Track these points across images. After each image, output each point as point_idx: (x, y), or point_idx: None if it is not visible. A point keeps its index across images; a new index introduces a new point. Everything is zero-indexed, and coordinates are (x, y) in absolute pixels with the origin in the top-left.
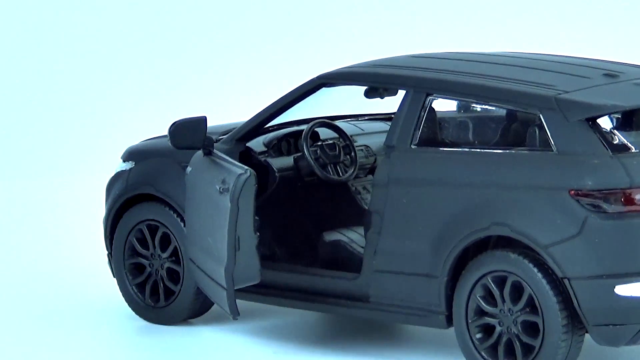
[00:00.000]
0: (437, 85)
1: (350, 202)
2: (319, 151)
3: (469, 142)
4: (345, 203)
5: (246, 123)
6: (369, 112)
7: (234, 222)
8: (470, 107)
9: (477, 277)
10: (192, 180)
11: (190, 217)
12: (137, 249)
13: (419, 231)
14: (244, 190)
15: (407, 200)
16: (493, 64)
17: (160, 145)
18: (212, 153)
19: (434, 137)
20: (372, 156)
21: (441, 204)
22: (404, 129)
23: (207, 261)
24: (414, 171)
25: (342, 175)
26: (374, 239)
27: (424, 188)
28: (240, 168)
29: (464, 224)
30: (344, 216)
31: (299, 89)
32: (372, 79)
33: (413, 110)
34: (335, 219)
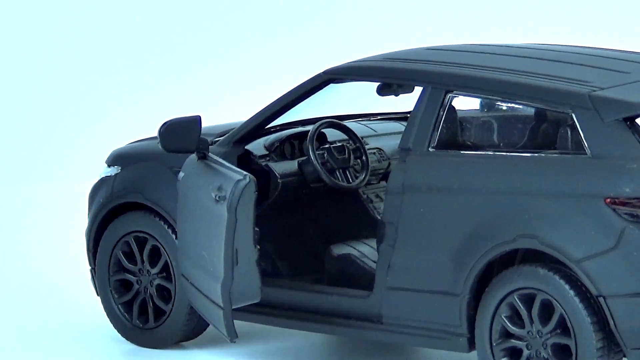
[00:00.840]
0: (458, 81)
1: (361, 212)
2: (326, 155)
3: (493, 145)
4: (356, 213)
5: (245, 123)
6: (382, 111)
7: (232, 233)
8: (494, 105)
9: (503, 295)
10: (184, 187)
11: (183, 228)
12: (123, 263)
13: (437, 244)
14: (243, 198)
15: (424, 209)
16: (519, 57)
17: (149, 148)
18: (207, 157)
19: (454, 139)
20: (386, 160)
21: (462, 214)
22: (421, 130)
23: (201, 277)
24: (432, 177)
25: (352, 182)
26: (387, 253)
27: (443, 196)
28: (239, 173)
29: (487, 236)
30: (354, 227)
31: (303, 85)
32: (385, 74)
33: (431, 109)
34: (345, 230)
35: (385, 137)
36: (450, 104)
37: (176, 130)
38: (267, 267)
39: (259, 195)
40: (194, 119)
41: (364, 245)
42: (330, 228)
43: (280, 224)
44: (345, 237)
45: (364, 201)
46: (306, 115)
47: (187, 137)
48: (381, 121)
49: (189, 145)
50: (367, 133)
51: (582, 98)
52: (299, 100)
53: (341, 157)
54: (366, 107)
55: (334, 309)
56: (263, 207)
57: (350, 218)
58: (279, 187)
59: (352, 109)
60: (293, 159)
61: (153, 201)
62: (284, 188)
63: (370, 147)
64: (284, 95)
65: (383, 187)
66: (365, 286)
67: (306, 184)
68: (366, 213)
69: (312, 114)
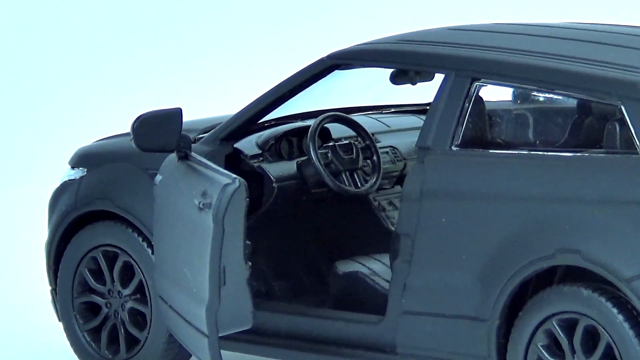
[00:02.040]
0: (486, 67)
1: (371, 222)
2: (331, 154)
3: (528, 143)
4: (365, 223)
5: (234, 117)
6: (397, 103)
7: (219, 247)
8: (529, 96)
9: (539, 320)
10: (162, 192)
11: (161, 242)
12: (89, 283)
13: (462, 260)
14: (232, 205)
15: (446, 218)
16: (557, 39)
17: (120, 146)
18: (189, 157)
19: (482, 135)
20: (401, 161)
21: (491, 224)
22: (443, 125)
23: (182, 300)
24: (456, 180)
25: (360, 187)
26: (402, 271)
27: (469, 203)
28: (227, 177)
29: (521, 251)
30: (363, 240)
31: (303, 72)
32: (400, 58)
33: (455, 101)
34: (352, 244)
35: (400, 133)
36: (477, 94)
37: (152, 126)
38: (261, 287)
39: (251, 202)
40: (173, 112)
41: (375, 261)
42: (335, 241)
43: (276, 237)
44: (352, 252)
45: (375, 209)
46: (307, 107)
47: (166, 133)
48: (395, 115)
49: (167, 143)
50: (379, 129)
51: (633, 87)
52: (298, 89)
53: (348, 157)
54: (378, 98)
55: (339, 337)
56: (256, 217)
57: (358, 229)
58: (274, 192)
59: (361, 100)
60: (291, 159)
61: (125, 209)
62: (281, 194)
63: (382, 145)
64: (280, 84)
65: (398, 192)
66: (377, 310)
67: (306, 189)
68: (377, 223)
69: (313, 106)
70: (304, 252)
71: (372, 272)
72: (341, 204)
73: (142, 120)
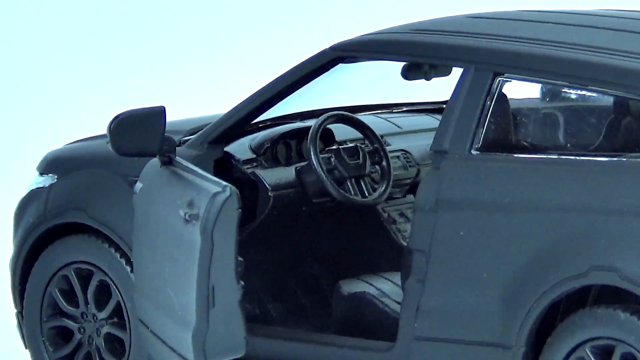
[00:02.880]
0: (510, 60)
1: (380, 236)
2: (334, 159)
3: (559, 146)
4: (373, 237)
5: (224, 117)
6: (409, 101)
7: (207, 264)
8: (559, 93)
9: (571, 347)
10: (143, 202)
11: (141, 258)
12: (60, 305)
13: (483, 279)
14: (222, 217)
15: (465, 232)
16: (590, 29)
17: (95, 150)
18: (173, 162)
19: (505, 137)
20: (414, 167)
21: (516, 239)
22: (461, 126)
23: (166, 324)
24: (476, 189)
25: (368, 196)
26: (415, 291)
27: (491, 214)
28: (216, 184)
29: (550, 269)
30: (371, 257)
31: (303, 66)
32: (413, 50)
33: (475, 98)
34: (358, 260)
35: (413, 135)
36: (500, 90)
37: (132, 126)
38: (255, 310)
39: (244, 213)
40: (155, 111)
41: (384, 281)
42: (339, 258)
43: (272, 252)
44: (358, 270)
45: (384, 222)
46: (307, 106)
47: (147, 135)
48: (408, 114)
49: (149, 146)
50: (389, 130)
51: None
52: (297, 85)
53: (354, 162)
54: (387, 96)
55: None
56: (249, 230)
57: (365, 244)
58: (269, 202)
59: (369, 97)
60: (289, 165)
61: (100, 221)
62: (277, 204)
63: (392, 148)
64: (277, 80)
65: (410, 202)
66: (386, 336)
67: (306, 198)
68: (387, 238)
69: (315, 104)
70: (303, 270)
71: (381, 293)
72: (346, 216)
73: (120, 121)
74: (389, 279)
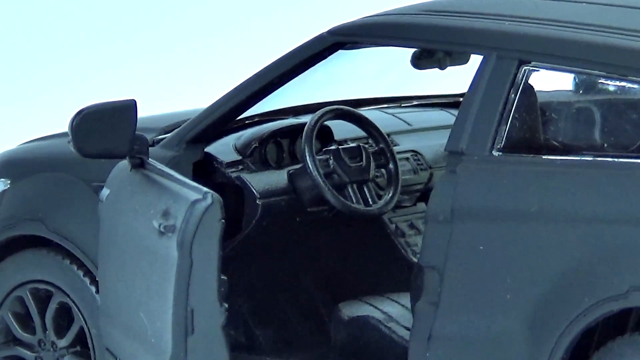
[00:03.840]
0: (538, 46)
1: (386, 251)
2: (333, 161)
3: (594, 146)
4: (378, 252)
5: (205, 112)
6: (420, 94)
7: (185, 284)
8: (596, 84)
9: None
10: (111, 211)
11: (109, 277)
12: (14, 332)
13: (505, 301)
14: (202, 229)
15: (485, 246)
16: (632, 10)
17: (55, 151)
18: (145, 165)
19: (532, 136)
20: (426, 170)
21: (545, 254)
22: (481, 123)
23: (137, 353)
24: (498, 196)
25: (372, 204)
26: (427, 315)
27: (515, 226)
28: (196, 191)
29: (584, 289)
30: (376, 275)
31: (297, 53)
32: (424, 35)
33: (496, 90)
34: (361, 280)
35: (424, 133)
36: (526, 81)
37: (98, 123)
38: (240, 337)
39: (228, 224)
40: (125, 105)
41: (391, 302)
42: (338, 276)
43: (261, 270)
44: (361, 291)
45: (392, 234)
46: (301, 99)
47: (115, 133)
48: (418, 109)
49: (117, 146)
50: (397, 127)
51: None
52: (290, 75)
53: (355, 165)
54: (395, 87)
55: None
56: (234, 244)
57: (369, 261)
58: (258, 211)
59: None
60: (280, 168)
61: (61, 234)
62: (266, 213)
63: (401, 149)
64: (266, 69)
65: (421, 212)
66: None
67: (301, 207)
68: (394, 253)
69: (310, 97)
70: (297, 291)
71: (387, 317)
72: (346, 228)
73: (84, 116)
74: (397, 301)
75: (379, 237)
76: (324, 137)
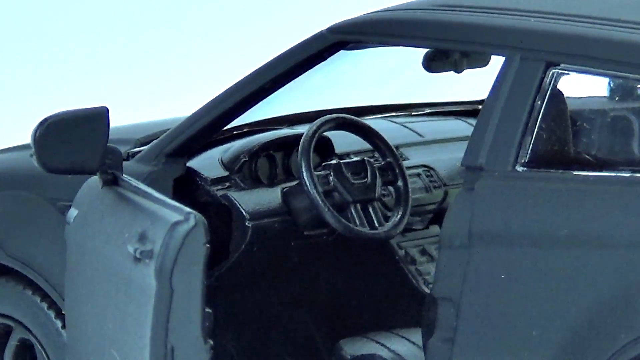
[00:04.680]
0: (569, 47)
1: (394, 281)
2: (333, 178)
3: (632, 161)
4: (385, 281)
5: (187, 122)
6: (432, 101)
7: (164, 317)
8: (634, 90)
9: None
10: (79, 235)
11: (77, 310)
12: None
13: (531, 337)
14: (184, 254)
15: (507, 275)
16: None
17: (14, 166)
18: (119, 181)
19: (561, 149)
20: (439, 188)
21: (577, 284)
22: (503, 134)
23: None
24: (523, 218)
25: (378, 227)
26: (441, 354)
27: (541, 252)
28: (177, 211)
29: (620, 323)
30: (382, 308)
31: (294, 53)
32: (436, 33)
33: (521, 96)
34: (366, 313)
35: (438, 146)
36: (554, 86)
37: (64, 134)
38: None
39: (213, 249)
40: (96, 113)
41: (400, 339)
42: (339, 309)
43: (251, 302)
44: (366, 326)
45: (400, 261)
46: (298, 106)
47: (84, 145)
48: (431, 117)
49: (87, 160)
50: (407, 139)
51: None
52: (285, 79)
53: (359, 182)
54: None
55: None
56: (220, 272)
57: (374, 291)
58: (247, 235)
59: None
60: (273, 185)
61: (22, 261)
62: (258, 237)
63: (411, 164)
64: (258, 72)
65: (434, 236)
66: None
67: (296, 230)
68: (403, 282)
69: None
70: (292, 325)
71: (395, 357)
72: (348, 254)
73: (49, 126)
74: (406, 338)
75: (386, 264)
76: (324, 150)
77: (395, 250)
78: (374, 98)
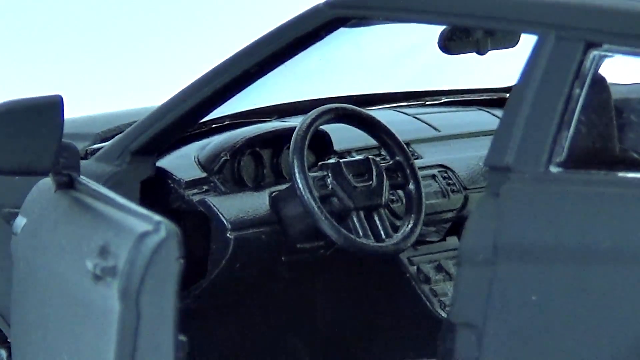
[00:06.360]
0: (613, 24)
1: (404, 302)
2: (332, 180)
3: None
4: (393, 303)
5: (157, 114)
6: (450, 89)
7: (130, 346)
8: None
9: None
10: (28, 248)
11: (25, 338)
12: None
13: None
14: (153, 271)
15: (538, 295)
16: None
17: None
18: (75, 184)
19: (604, 146)
20: (458, 192)
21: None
22: (533, 129)
23: None
24: (557, 227)
25: (385, 238)
26: None
27: (579, 267)
28: (144, 220)
29: None
30: (390, 334)
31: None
32: (454, 7)
33: (555, 84)
34: (370, 339)
35: (456, 142)
36: (595, 71)
37: (10, 128)
38: None
39: (188, 265)
40: (48, 103)
41: None
42: (338, 336)
43: (233, 328)
44: (370, 356)
45: (412, 279)
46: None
47: (35, 141)
48: (448, 108)
49: (37, 159)
50: (419, 133)
51: None
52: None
53: (362, 185)
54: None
55: None
56: (197, 292)
57: (380, 315)
58: (229, 248)
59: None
60: (259, 189)
61: None
62: (241, 251)
63: (425, 163)
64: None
65: (453, 249)
66: None
67: (287, 242)
68: (415, 305)
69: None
70: (282, 354)
71: None
72: (349, 270)
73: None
74: None
75: (395, 283)
76: (320, 147)
77: (405, 266)
78: (381, 85)
